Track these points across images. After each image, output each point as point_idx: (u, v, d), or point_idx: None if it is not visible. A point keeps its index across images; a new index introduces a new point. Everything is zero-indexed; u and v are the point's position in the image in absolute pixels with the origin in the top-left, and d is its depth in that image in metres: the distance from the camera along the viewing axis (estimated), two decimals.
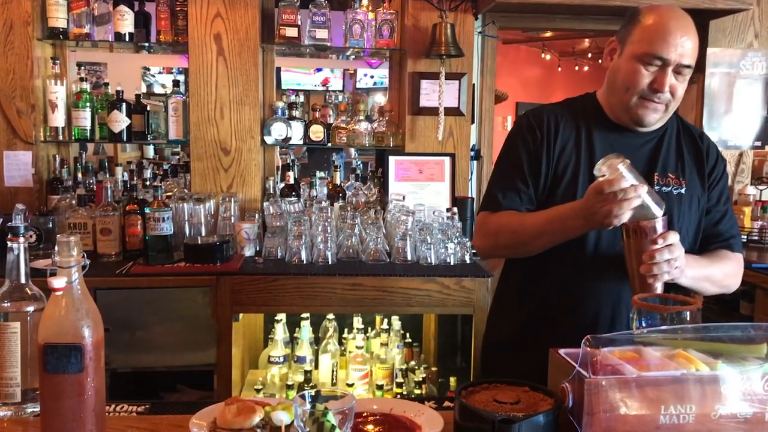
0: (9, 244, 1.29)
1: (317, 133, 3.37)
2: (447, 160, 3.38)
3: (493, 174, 1.88)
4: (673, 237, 1.53)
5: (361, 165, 4.33)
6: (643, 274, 1.53)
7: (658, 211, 1.52)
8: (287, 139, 3.34)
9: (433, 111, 3.35)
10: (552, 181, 1.73)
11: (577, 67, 10.59)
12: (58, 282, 1.15)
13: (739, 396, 1.14)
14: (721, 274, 1.76)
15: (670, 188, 1.73)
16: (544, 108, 1.83)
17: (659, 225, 1.53)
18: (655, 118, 1.69)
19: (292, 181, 3.40)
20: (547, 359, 1.27)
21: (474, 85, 3.53)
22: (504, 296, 1.93)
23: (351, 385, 3.00)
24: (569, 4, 3.37)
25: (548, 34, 8.37)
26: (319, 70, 7.56)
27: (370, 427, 1.27)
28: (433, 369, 3.25)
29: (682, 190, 1.74)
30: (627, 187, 1.45)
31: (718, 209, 1.81)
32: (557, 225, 1.62)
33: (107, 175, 3.65)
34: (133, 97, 3.35)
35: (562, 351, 1.23)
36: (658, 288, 1.55)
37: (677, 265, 1.53)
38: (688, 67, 1.64)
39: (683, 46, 1.62)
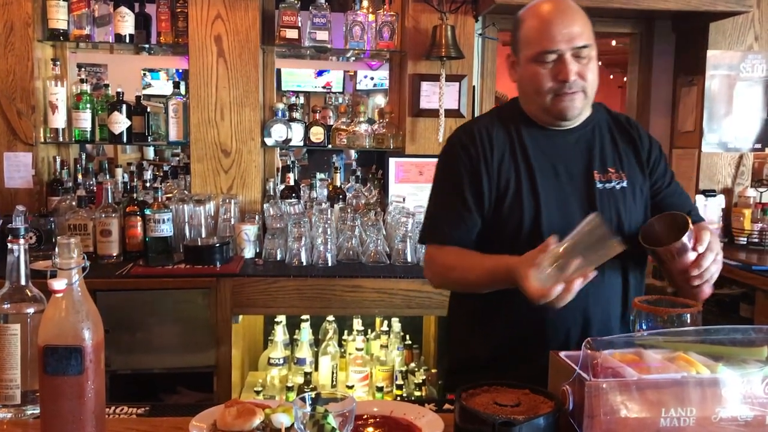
0: (9, 245, 1.29)
1: (317, 134, 3.37)
2: None
3: (433, 199, 1.79)
4: (707, 236, 1.50)
5: (350, 164, 4.32)
6: (697, 284, 1.50)
7: (610, 238, 1.42)
8: (287, 140, 3.34)
9: (433, 113, 3.35)
10: (496, 196, 1.68)
11: None
12: (58, 284, 1.14)
13: (739, 399, 1.14)
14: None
15: (612, 184, 1.68)
16: (474, 123, 1.79)
17: (687, 238, 1.49)
18: (578, 107, 1.64)
19: (292, 183, 3.40)
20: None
21: (474, 87, 3.53)
22: (465, 321, 1.83)
23: (351, 387, 3.00)
24: None
25: None
26: (320, 73, 7.55)
27: (370, 429, 1.27)
28: (433, 371, 3.25)
29: (624, 183, 1.69)
30: (559, 295, 1.38)
31: (671, 189, 1.77)
32: (498, 283, 1.58)
33: (107, 177, 3.65)
34: (134, 98, 3.36)
35: (562, 353, 1.23)
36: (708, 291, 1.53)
37: (720, 258, 1.51)
38: (585, 47, 1.60)
39: (568, 31, 1.58)
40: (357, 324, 3.18)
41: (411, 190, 3.33)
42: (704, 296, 1.52)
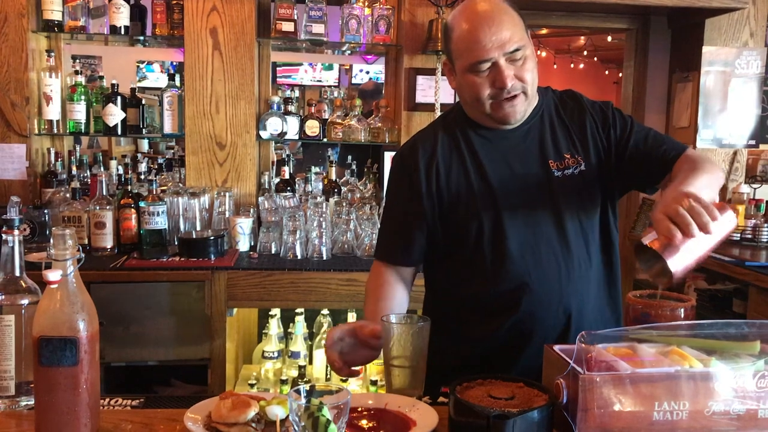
0: (3, 236, 1.29)
1: (313, 128, 3.36)
2: None
3: (382, 217, 1.84)
4: (660, 219, 1.23)
5: (337, 156, 4.32)
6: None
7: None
8: (283, 133, 3.34)
9: (429, 107, 3.35)
10: (449, 207, 1.66)
11: (572, 65, 10.61)
12: (53, 275, 1.14)
13: (732, 393, 1.14)
14: (710, 175, 1.51)
15: (571, 170, 1.64)
16: (417, 138, 1.75)
17: (667, 253, 1.22)
18: (520, 110, 1.60)
19: (287, 176, 3.40)
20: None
21: None
22: (437, 330, 1.75)
23: (345, 381, 3.00)
24: (565, 1, 3.37)
25: (544, 31, 8.38)
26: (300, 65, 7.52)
27: (364, 421, 1.27)
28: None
29: (583, 167, 1.65)
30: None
31: (638, 136, 1.66)
32: None
33: (102, 169, 3.64)
34: (128, 90, 3.35)
35: (556, 347, 1.24)
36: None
37: (697, 207, 1.21)
38: (517, 50, 1.54)
39: (498, 38, 1.52)
40: (351, 318, 3.18)
41: None
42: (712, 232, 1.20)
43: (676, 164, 1.60)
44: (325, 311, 3.20)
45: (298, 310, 3.11)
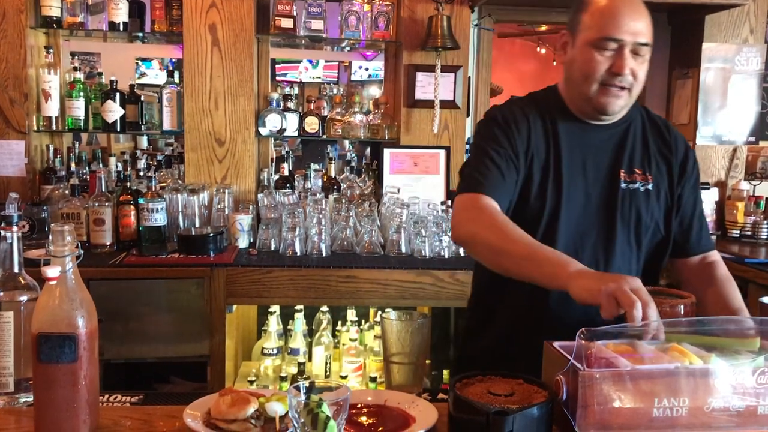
0: (2, 233, 1.29)
1: (312, 124, 3.36)
2: (442, 153, 3.38)
3: (469, 160, 1.72)
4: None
5: (356, 157, 4.32)
6: None
7: None
8: (282, 130, 3.33)
9: (428, 104, 3.35)
10: (523, 183, 1.65)
11: None
12: (52, 271, 1.14)
13: (731, 389, 1.14)
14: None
15: (636, 185, 1.66)
16: (513, 103, 1.74)
17: None
18: (620, 104, 1.61)
19: (286, 173, 3.39)
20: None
21: (469, 78, 3.52)
22: (476, 312, 1.84)
23: (344, 378, 3.01)
24: None
25: (543, 27, 8.35)
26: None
27: (364, 418, 1.27)
28: (427, 361, 3.25)
29: (649, 186, 1.67)
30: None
31: (696, 211, 1.76)
32: (538, 267, 1.42)
33: (101, 166, 3.63)
34: (127, 87, 3.34)
35: (556, 344, 1.24)
36: None
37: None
38: (645, 45, 1.56)
39: (636, 25, 1.55)
40: (351, 314, 3.18)
41: (406, 181, 3.33)
42: None
43: (719, 270, 1.77)
44: (324, 308, 3.20)
45: (298, 307, 3.11)
